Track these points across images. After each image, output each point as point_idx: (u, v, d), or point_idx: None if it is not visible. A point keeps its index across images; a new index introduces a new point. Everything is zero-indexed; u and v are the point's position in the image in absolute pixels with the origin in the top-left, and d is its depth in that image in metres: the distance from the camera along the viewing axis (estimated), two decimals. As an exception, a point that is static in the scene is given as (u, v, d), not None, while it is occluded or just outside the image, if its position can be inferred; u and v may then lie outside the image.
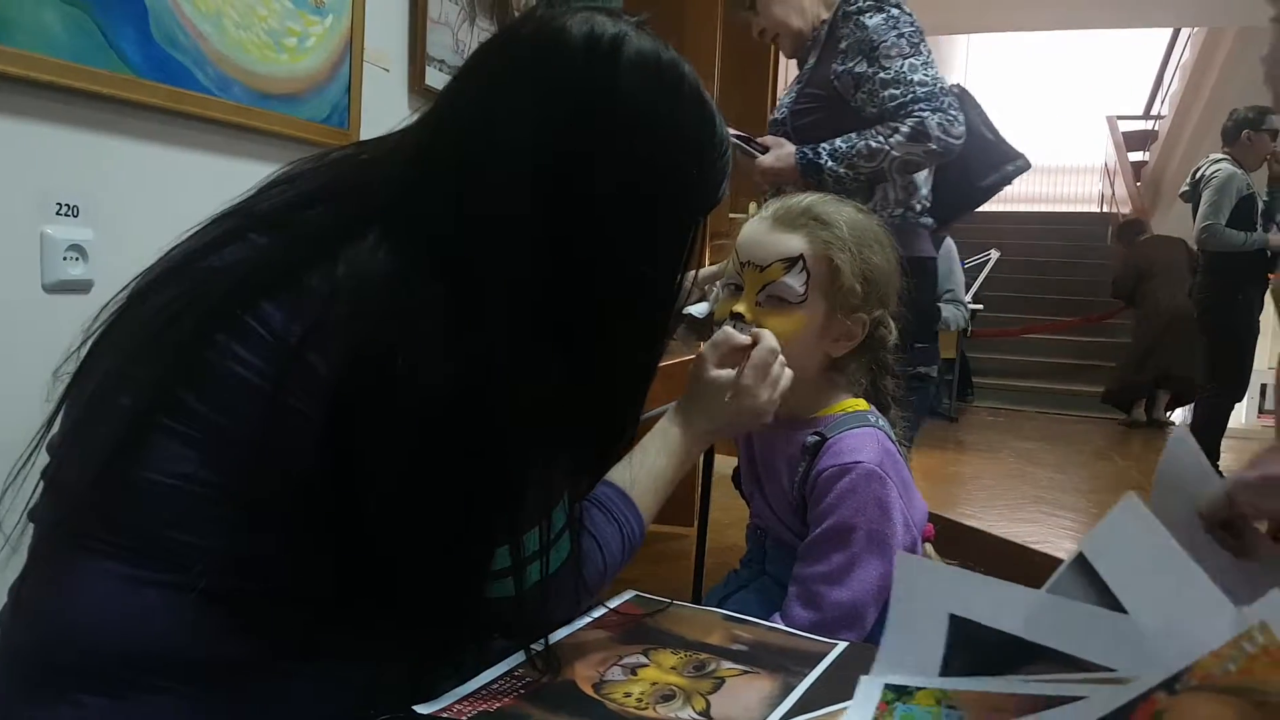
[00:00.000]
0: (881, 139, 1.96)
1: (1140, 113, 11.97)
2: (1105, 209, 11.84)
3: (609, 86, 0.75)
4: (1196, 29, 9.67)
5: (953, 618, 0.69)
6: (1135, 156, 11.34)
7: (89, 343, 0.75)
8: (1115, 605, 0.62)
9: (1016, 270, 8.47)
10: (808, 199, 1.20)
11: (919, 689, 0.69)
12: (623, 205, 0.77)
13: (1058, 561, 1.18)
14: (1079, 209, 12.71)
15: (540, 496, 0.77)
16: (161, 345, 0.69)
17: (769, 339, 1.07)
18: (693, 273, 0.87)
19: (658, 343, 0.88)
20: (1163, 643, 0.59)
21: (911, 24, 2.01)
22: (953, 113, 1.96)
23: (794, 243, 1.14)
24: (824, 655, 0.84)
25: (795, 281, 1.13)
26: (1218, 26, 8.89)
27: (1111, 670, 0.61)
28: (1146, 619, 0.61)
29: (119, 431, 0.67)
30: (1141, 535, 0.63)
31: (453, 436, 0.69)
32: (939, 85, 1.97)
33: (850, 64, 2.02)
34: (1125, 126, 11.71)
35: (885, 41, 1.98)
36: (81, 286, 1.38)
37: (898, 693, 0.70)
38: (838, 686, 0.76)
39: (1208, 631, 0.57)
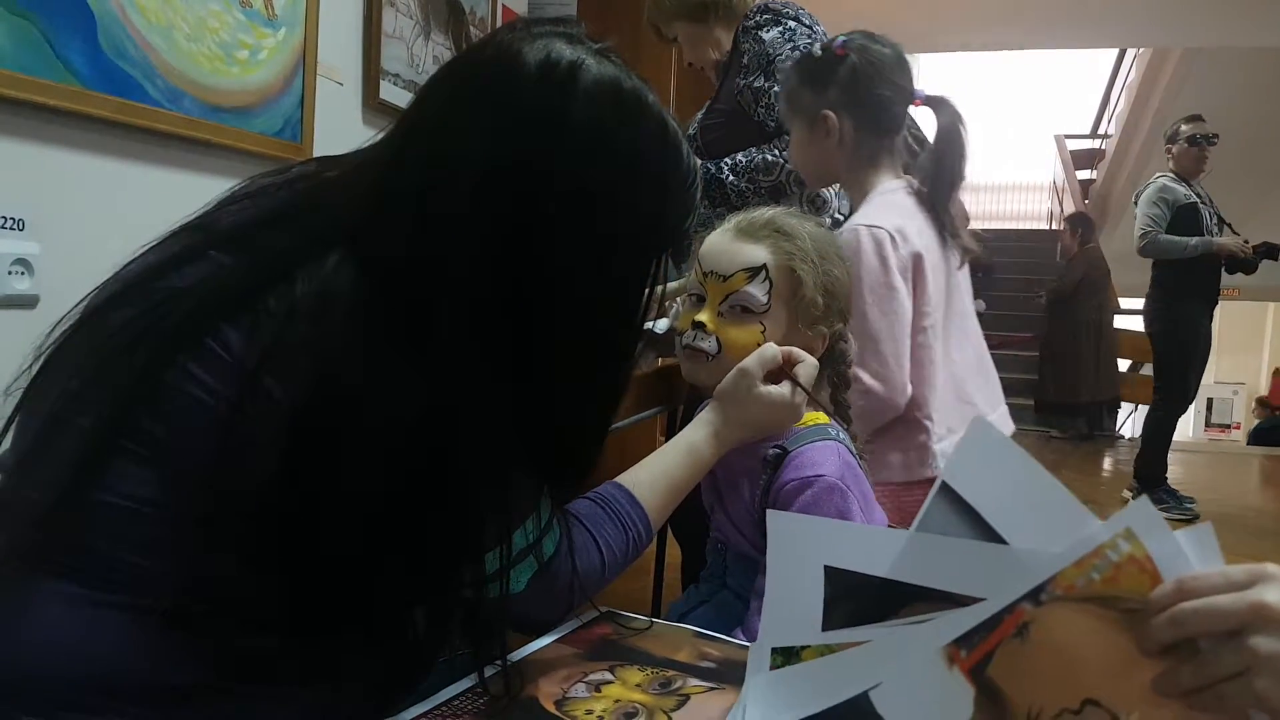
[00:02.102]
0: (776, 152, 1.99)
1: (1087, 132, 12.20)
2: (1054, 226, 12.03)
3: (562, 115, 0.75)
4: (1142, 50, 9.88)
5: (828, 569, 0.69)
6: (1083, 175, 11.55)
7: (42, 359, 0.73)
8: (986, 529, 0.62)
9: (967, 286, 8.58)
10: (770, 211, 1.20)
11: (804, 648, 0.69)
12: (581, 233, 0.76)
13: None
14: (1028, 226, 12.92)
15: (504, 516, 0.77)
16: (121, 366, 0.68)
17: (811, 359, 1.13)
18: (657, 289, 0.87)
19: (622, 367, 0.88)
20: (1033, 560, 0.59)
21: (809, 36, 2.04)
22: None
23: (757, 253, 1.15)
24: (790, 670, 0.83)
25: (758, 291, 1.13)
26: (1162, 47, 9.09)
27: (985, 600, 0.61)
28: (1016, 539, 0.60)
29: (78, 453, 0.66)
30: (997, 454, 0.63)
31: (415, 459, 0.69)
32: None
33: (750, 79, 2.05)
34: (1073, 145, 11.93)
35: (780, 55, 2.00)
36: (27, 301, 1.35)
37: (785, 655, 0.69)
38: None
39: (1071, 541, 0.57)
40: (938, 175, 1.56)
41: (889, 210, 1.53)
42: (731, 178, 2.01)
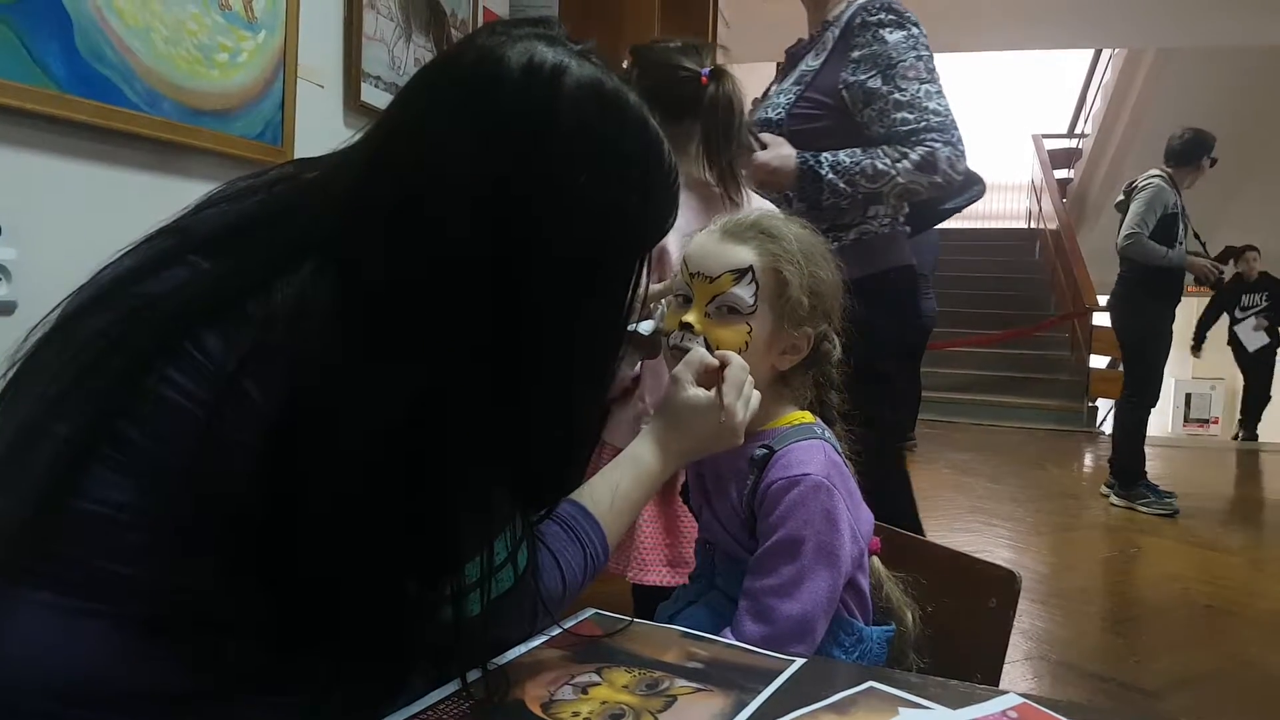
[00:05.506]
0: (889, 162, 1.90)
1: (1065, 131, 12.29)
2: (1032, 225, 12.11)
3: (548, 118, 0.74)
4: (1117, 50, 9.96)
5: None
6: (1060, 174, 11.63)
7: (16, 366, 0.73)
8: None
9: (947, 285, 8.62)
10: (756, 213, 1.21)
11: None
12: (566, 236, 0.75)
13: (998, 570, 1.19)
14: (1007, 225, 12.99)
15: (484, 528, 0.77)
16: (98, 372, 0.67)
17: (739, 359, 1.10)
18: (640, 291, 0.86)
19: (606, 373, 0.87)
20: None
21: (928, 47, 1.95)
22: (961, 148, 1.91)
23: (743, 254, 1.15)
24: (780, 672, 0.83)
25: (745, 292, 1.13)
26: (1137, 48, 9.17)
27: None
28: None
29: (56, 460, 0.65)
30: None
31: (394, 466, 0.68)
32: (951, 116, 1.91)
33: (863, 76, 1.96)
34: (1050, 145, 12.00)
35: (904, 61, 1.91)
36: (4, 308, 1.33)
37: None
38: (791, 702, 0.76)
39: None
40: (716, 132, 1.69)
41: None
42: (831, 175, 1.90)
